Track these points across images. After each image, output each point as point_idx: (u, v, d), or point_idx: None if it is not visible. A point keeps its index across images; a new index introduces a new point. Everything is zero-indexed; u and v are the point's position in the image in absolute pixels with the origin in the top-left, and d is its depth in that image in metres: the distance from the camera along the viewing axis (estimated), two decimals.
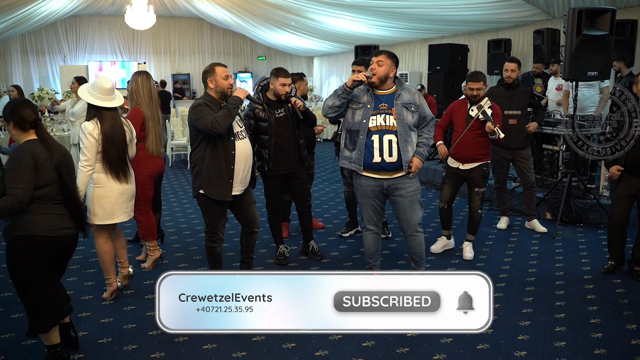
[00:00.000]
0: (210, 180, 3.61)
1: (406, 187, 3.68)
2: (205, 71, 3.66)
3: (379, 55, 3.62)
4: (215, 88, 3.62)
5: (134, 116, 4.23)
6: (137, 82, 4.32)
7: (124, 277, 3.96)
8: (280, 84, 4.24)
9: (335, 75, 17.20)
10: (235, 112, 3.53)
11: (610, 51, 5.21)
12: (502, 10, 9.33)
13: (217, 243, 3.83)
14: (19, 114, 2.82)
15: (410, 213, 3.72)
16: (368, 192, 3.72)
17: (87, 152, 3.50)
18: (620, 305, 3.78)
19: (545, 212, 5.94)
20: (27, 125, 2.83)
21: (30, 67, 16.48)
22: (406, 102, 3.63)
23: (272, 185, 4.49)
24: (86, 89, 3.59)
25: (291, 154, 4.41)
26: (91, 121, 3.53)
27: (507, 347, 3.19)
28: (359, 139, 3.61)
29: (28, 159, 2.71)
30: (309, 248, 4.77)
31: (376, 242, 3.89)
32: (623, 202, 4.23)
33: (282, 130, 4.33)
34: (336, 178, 8.64)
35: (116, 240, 3.89)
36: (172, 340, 3.25)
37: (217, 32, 18.44)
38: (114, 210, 3.67)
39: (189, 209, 6.62)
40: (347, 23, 12.56)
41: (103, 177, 3.61)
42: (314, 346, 3.20)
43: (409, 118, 3.63)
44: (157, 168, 4.44)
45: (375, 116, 3.60)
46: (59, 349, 2.96)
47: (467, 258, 4.69)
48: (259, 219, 4.08)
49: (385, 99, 3.64)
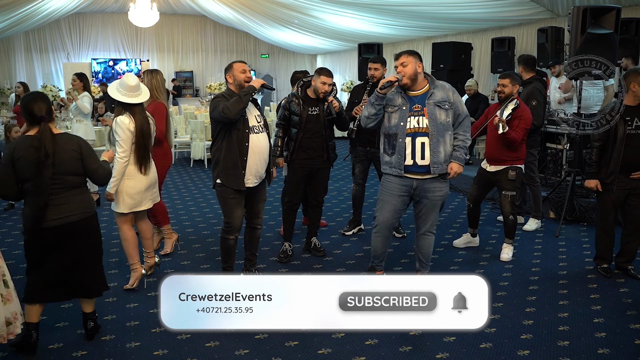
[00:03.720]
0: (226, 170, 3.72)
1: (435, 191, 3.65)
2: (225, 68, 3.87)
3: (400, 58, 3.58)
4: (234, 82, 3.77)
5: (160, 111, 4.49)
6: (157, 79, 4.60)
7: (150, 266, 4.17)
8: (321, 82, 4.36)
9: (339, 73, 17.17)
10: (247, 98, 3.62)
11: (615, 49, 5.19)
12: (506, 8, 9.30)
13: (232, 235, 3.84)
14: (30, 109, 2.93)
15: (431, 215, 3.74)
16: (394, 189, 3.68)
17: (124, 144, 3.75)
18: (624, 305, 3.77)
19: (549, 211, 5.92)
20: (34, 120, 2.93)
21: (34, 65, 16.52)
22: (439, 100, 3.57)
23: (294, 175, 4.57)
24: (115, 87, 3.81)
25: (317, 151, 4.50)
26: (125, 115, 3.77)
27: (510, 346, 3.18)
28: (397, 142, 3.58)
29: (6, 157, 2.89)
30: (311, 244, 4.79)
31: (384, 245, 3.87)
32: (618, 205, 4.22)
33: (310, 127, 4.44)
34: (340, 176, 8.63)
35: (145, 230, 4.14)
36: (175, 337, 3.26)
37: (221, 30, 18.45)
38: (142, 199, 3.94)
39: (192, 207, 6.62)
40: (350, 21, 12.54)
41: (132, 168, 3.84)
42: (317, 344, 3.20)
43: (442, 117, 3.57)
44: (171, 160, 4.84)
45: (409, 118, 3.56)
46: (30, 329, 3.05)
47: (502, 259, 4.65)
48: (265, 217, 4.09)
49: (418, 100, 3.59)
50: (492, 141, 4.59)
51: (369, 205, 5.99)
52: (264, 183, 3.97)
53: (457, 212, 6.23)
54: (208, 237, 5.34)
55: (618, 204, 4.20)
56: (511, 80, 4.57)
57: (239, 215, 3.84)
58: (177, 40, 18.28)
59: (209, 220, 6.00)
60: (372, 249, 3.93)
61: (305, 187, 4.68)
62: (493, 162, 4.63)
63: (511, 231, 4.67)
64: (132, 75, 3.87)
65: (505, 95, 4.57)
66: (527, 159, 5.37)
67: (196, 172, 9.06)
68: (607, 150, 4.14)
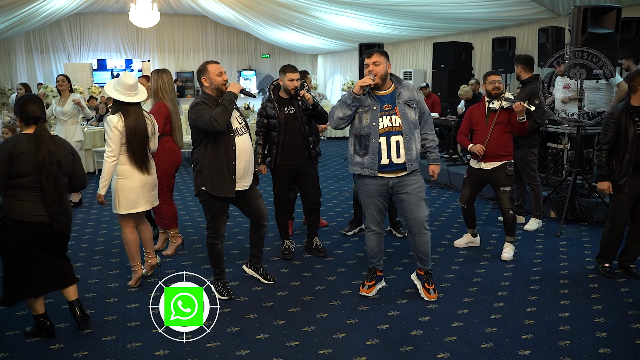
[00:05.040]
0: (211, 178, 3.63)
1: (411, 184, 3.67)
2: (198, 71, 3.69)
3: (373, 56, 3.60)
4: (210, 86, 3.63)
5: (159, 111, 4.48)
6: (163, 80, 4.60)
7: (151, 267, 4.18)
8: (289, 79, 4.34)
9: (339, 73, 17.16)
10: (231, 107, 3.53)
11: (615, 49, 5.18)
12: (507, 8, 9.29)
13: (219, 240, 3.82)
14: (25, 110, 3.08)
15: (417, 210, 3.70)
16: (372, 191, 3.72)
17: (112, 144, 3.72)
18: (625, 304, 3.76)
19: (550, 211, 5.92)
20: (30, 120, 3.08)
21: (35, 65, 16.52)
22: (407, 99, 3.65)
23: (279, 179, 4.56)
24: (112, 85, 3.80)
25: (299, 150, 4.47)
26: (116, 114, 3.75)
27: (511, 346, 3.18)
28: (370, 142, 3.59)
29: (3, 153, 2.96)
30: (313, 245, 4.80)
31: (379, 243, 3.88)
32: (630, 206, 4.19)
33: (290, 127, 4.42)
34: (340, 176, 8.64)
35: (144, 231, 4.11)
36: (176, 337, 3.26)
37: (221, 30, 18.44)
38: (138, 200, 3.88)
39: (192, 207, 6.63)
40: (351, 21, 12.53)
41: (127, 168, 3.82)
42: (317, 344, 3.20)
43: (411, 115, 3.65)
44: (179, 160, 4.75)
45: (382, 118, 3.59)
46: (41, 319, 3.25)
47: (504, 258, 4.65)
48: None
49: (387, 100, 3.63)
50: (492, 139, 4.58)
51: None
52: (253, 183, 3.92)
53: (458, 212, 6.23)
54: None
55: (630, 205, 4.18)
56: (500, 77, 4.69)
57: (225, 220, 3.82)
58: (178, 41, 18.26)
59: None
60: (367, 248, 3.94)
61: (291, 185, 4.67)
62: (490, 159, 4.62)
63: (511, 228, 4.67)
64: (130, 74, 3.84)
65: (500, 91, 4.62)
66: (528, 159, 5.37)
67: None
68: (617, 152, 4.12)
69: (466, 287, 4.07)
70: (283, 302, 3.80)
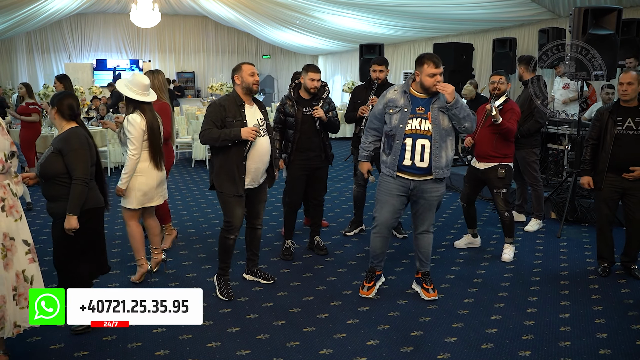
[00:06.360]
0: (220, 174, 3.71)
1: (432, 192, 3.66)
2: (233, 69, 3.82)
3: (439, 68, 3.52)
4: (242, 84, 3.74)
5: (166, 111, 4.56)
6: (159, 80, 4.69)
7: (157, 263, 4.25)
8: (310, 79, 4.40)
9: (340, 74, 17.18)
10: (224, 143, 3.62)
11: (616, 50, 5.18)
12: (508, 9, 9.30)
13: (232, 234, 3.80)
14: (70, 105, 3.21)
15: (428, 215, 3.75)
16: (392, 189, 3.68)
17: (136, 142, 3.84)
18: (626, 306, 3.76)
19: (550, 212, 5.92)
20: (73, 116, 3.22)
21: (36, 65, 16.55)
22: (443, 105, 3.55)
23: (294, 176, 4.58)
24: (124, 84, 3.88)
25: (314, 151, 4.53)
26: (136, 113, 3.86)
27: (511, 347, 3.18)
28: (394, 143, 3.59)
29: (82, 143, 3.13)
30: (314, 243, 4.81)
31: (383, 245, 3.87)
32: (611, 204, 4.24)
33: (307, 128, 4.46)
34: (341, 177, 8.64)
35: (154, 227, 4.23)
36: (176, 338, 3.26)
37: (222, 31, 18.47)
38: (153, 195, 4.03)
39: (193, 206, 6.63)
40: (351, 22, 12.55)
41: (146, 165, 3.93)
42: (318, 345, 3.21)
43: (445, 122, 3.57)
44: (173, 159, 4.84)
45: (411, 120, 3.56)
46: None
47: (504, 260, 4.65)
48: (265, 217, 4.10)
49: (423, 103, 3.58)
50: (483, 138, 4.59)
51: (370, 206, 5.94)
52: (265, 185, 3.96)
53: (458, 213, 6.23)
54: (209, 237, 5.35)
55: (611, 202, 4.23)
56: (505, 77, 4.68)
57: (240, 214, 3.82)
58: (179, 41, 18.30)
59: (210, 220, 6.00)
60: (371, 249, 3.93)
61: (304, 187, 4.68)
62: (482, 159, 4.64)
63: (510, 229, 4.67)
64: (141, 74, 3.96)
65: (501, 92, 4.61)
66: (529, 159, 5.37)
67: (197, 173, 9.07)
68: (599, 150, 4.21)
69: (467, 288, 4.08)
70: (283, 303, 3.81)
